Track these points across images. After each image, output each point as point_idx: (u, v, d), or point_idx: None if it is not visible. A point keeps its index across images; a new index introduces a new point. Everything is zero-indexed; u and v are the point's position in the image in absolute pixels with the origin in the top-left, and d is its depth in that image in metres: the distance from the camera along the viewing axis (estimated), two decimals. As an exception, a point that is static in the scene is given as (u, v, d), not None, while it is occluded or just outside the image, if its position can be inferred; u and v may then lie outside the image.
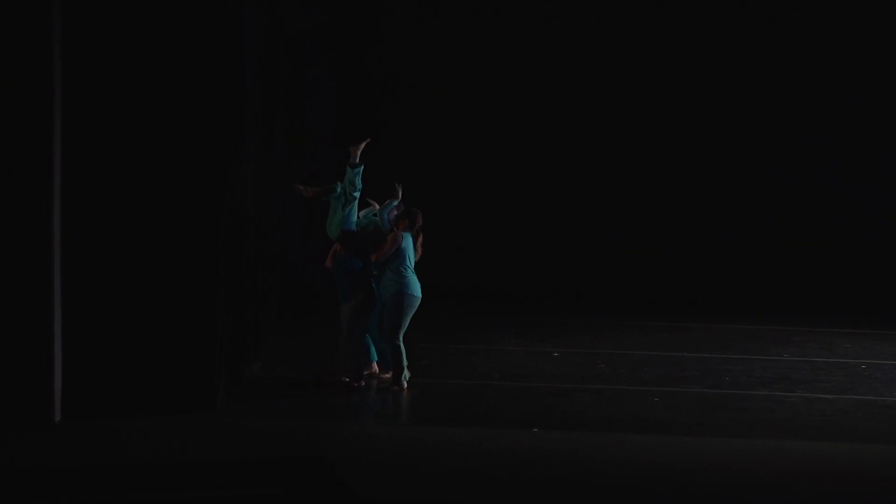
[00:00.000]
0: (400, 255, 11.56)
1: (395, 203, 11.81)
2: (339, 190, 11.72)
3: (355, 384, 11.57)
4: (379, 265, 11.58)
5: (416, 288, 11.60)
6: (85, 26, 10.00)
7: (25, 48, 9.68)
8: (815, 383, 12.35)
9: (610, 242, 18.14)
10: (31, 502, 8.16)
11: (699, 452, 9.68)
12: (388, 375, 11.78)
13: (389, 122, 17.93)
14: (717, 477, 9.01)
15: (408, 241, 11.65)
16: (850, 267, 18.12)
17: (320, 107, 16.89)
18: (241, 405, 10.76)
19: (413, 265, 11.66)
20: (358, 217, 11.82)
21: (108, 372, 10.16)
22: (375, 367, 11.98)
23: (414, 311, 11.64)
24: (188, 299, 10.23)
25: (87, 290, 10.09)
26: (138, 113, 10.11)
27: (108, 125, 10.09)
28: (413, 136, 18.11)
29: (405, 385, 11.56)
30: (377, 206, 11.96)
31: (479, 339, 14.34)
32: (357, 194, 11.67)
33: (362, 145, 11.79)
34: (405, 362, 11.58)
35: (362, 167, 11.68)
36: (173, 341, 10.20)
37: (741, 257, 18.24)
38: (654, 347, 14.16)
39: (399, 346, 11.54)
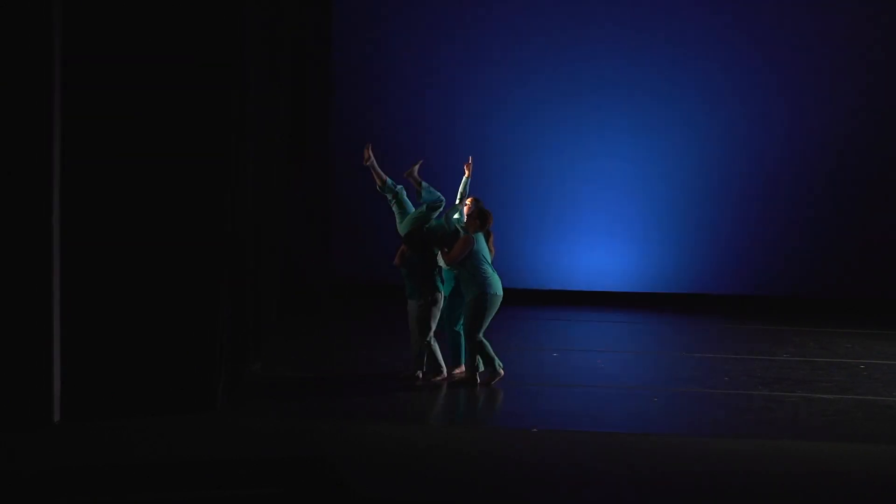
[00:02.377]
0: (474, 255, 11.70)
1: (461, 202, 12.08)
2: (390, 198, 12.16)
3: (431, 378, 11.90)
4: (454, 266, 11.76)
5: (498, 286, 11.78)
6: (85, 28, 10.00)
7: (25, 49, 9.67)
8: (815, 383, 12.36)
9: (608, 239, 18.13)
10: (31, 502, 8.15)
11: (699, 452, 9.68)
12: (460, 371, 11.99)
13: (387, 122, 17.96)
14: (717, 477, 9.01)
15: (480, 242, 11.79)
16: (849, 266, 18.13)
17: (320, 106, 16.89)
18: (242, 405, 10.77)
19: (490, 263, 11.82)
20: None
21: (108, 372, 10.16)
22: (462, 368, 12.10)
23: (496, 310, 11.79)
24: (188, 299, 10.22)
25: (86, 290, 10.09)
26: (139, 112, 10.10)
27: (108, 124, 10.09)
28: (405, 137, 18.10)
29: (501, 373, 11.83)
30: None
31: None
32: (432, 204, 11.98)
33: (416, 168, 12.18)
34: (493, 354, 11.80)
35: (424, 192, 12.06)
36: (173, 341, 10.20)
37: (741, 256, 18.23)
38: (653, 347, 14.17)
39: (482, 341, 11.75)
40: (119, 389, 10.16)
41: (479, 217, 11.85)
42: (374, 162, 12.25)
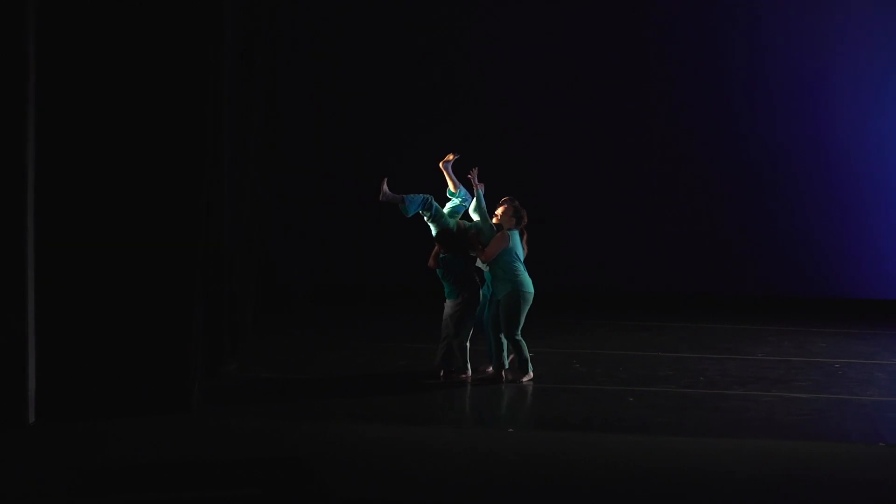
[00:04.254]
0: (508, 253, 11.87)
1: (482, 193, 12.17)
2: (410, 209, 12.10)
3: (462, 375, 12.03)
4: (488, 264, 11.92)
5: (530, 284, 11.97)
6: (61, 29, 9.96)
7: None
8: (791, 382, 12.39)
9: (582, 242, 18.12)
10: (4, 503, 8.11)
11: (675, 452, 9.69)
12: (489, 370, 12.16)
13: (365, 122, 17.96)
14: (694, 477, 9.02)
15: (515, 239, 11.95)
16: (824, 266, 18.17)
17: (297, 106, 16.86)
18: (218, 405, 10.73)
19: (522, 261, 11.99)
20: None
21: (83, 373, 10.11)
22: (491, 368, 12.24)
23: (529, 307, 11.93)
24: (163, 299, 10.18)
25: (61, 291, 10.05)
26: (115, 112, 10.07)
27: (84, 123, 10.05)
28: (381, 136, 18.10)
29: (531, 374, 12.02)
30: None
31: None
32: (427, 212, 12.10)
33: (450, 163, 12.31)
34: (528, 355, 11.97)
35: (458, 192, 12.20)
36: (149, 342, 10.16)
37: (716, 256, 18.25)
38: (629, 347, 14.18)
39: (520, 340, 11.93)
40: (94, 390, 10.12)
41: (515, 215, 12.06)
42: (389, 194, 12.19)
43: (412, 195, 12.09)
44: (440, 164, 12.28)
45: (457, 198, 12.24)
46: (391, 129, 18.08)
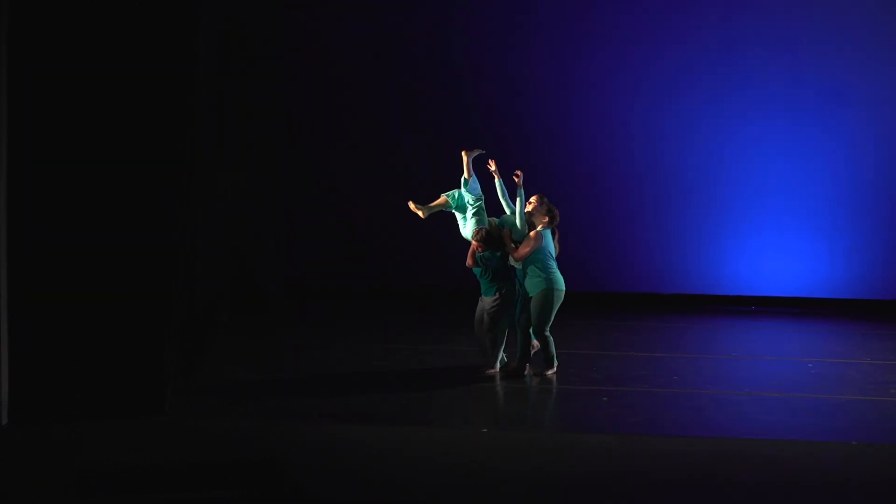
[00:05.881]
0: (542, 251, 12.07)
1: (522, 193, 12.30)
2: (452, 204, 12.32)
3: (490, 371, 12.29)
4: (522, 262, 12.10)
5: (562, 282, 12.17)
6: (34, 30, 9.93)
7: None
8: (764, 381, 12.44)
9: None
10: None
11: (648, 452, 9.71)
12: (512, 364, 12.35)
13: (341, 122, 17.96)
14: (666, 476, 9.05)
15: (548, 238, 12.14)
16: (797, 264, 18.26)
17: (269, 108, 16.85)
18: (191, 407, 10.70)
19: (555, 259, 12.19)
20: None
21: (56, 374, 10.08)
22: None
23: (560, 304, 12.14)
24: (136, 300, 10.16)
25: (33, 292, 10.01)
26: (90, 112, 10.04)
27: (58, 123, 10.02)
28: (358, 137, 18.11)
29: (555, 368, 12.31)
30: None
31: (430, 339, 14.36)
32: (477, 203, 12.28)
33: (473, 155, 12.34)
34: (554, 350, 12.25)
35: (471, 181, 12.26)
36: (122, 343, 10.13)
37: (688, 254, 18.31)
38: (602, 347, 14.22)
39: (548, 336, 12.15)
40: (68, 392, 10.09)
41: (549, 213, 12.22)
42: (424, 208, 12.40)
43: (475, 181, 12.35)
44: (463, 152, 12.36)
45: (464, 187, 12.32)
46: (370, 130, 18.10)
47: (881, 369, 13.15)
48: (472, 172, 12.32)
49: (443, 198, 12.40)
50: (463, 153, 12.33)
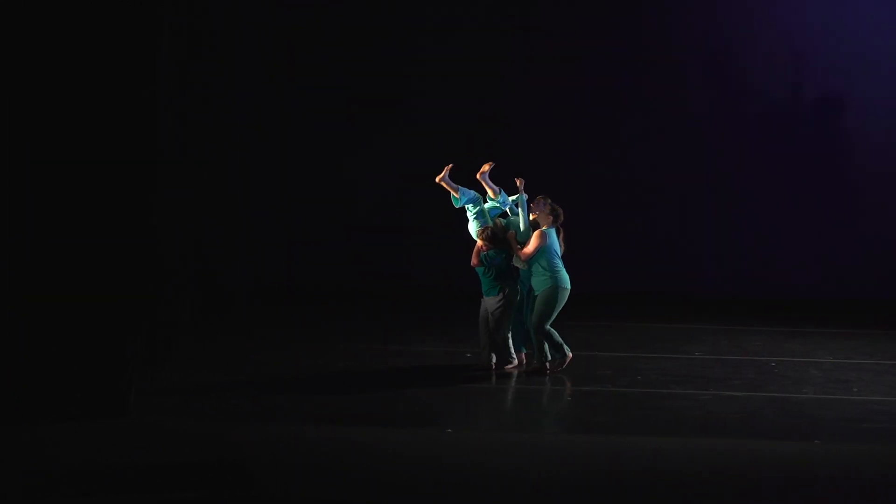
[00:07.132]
0: (548, 250, 12.18)
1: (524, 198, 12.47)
2: (460, 200, 12.46)
3: (509, 366, 12.49)
4: (527, 261, 12.22)
5: (567, 281, 12.30)
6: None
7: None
8: (728, 381, 12.49)
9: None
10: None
11: (612, 452, 9.74)
12: (534, 365, 12.44)
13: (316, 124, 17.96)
14: (631, 476, 9.07)
15: (553, 237, 12.25)
16: (760, 264, 18.36)
17: (237, 107, 16.80)
18: (154, 408, 10.64)
19: (560, 257, 12.31)
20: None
21: (17, 376, 10.01)
22: (524, 357, 12.61)
23: (564, 303, 12.28)
24: (100, 302, 10.10)
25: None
26: (63, 115, 10.00)
27: (32, 125, 9.97)
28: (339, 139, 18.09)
29: (570, 356, 12.43)
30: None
31: (398, 340, 14.35)
32: (476, 209, 12.44)
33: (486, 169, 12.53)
34: (560, 340, 12.34)
35: (460, 198, 12.44)
36: (84, 345, 10.08)
37: (651, 255, 18.37)
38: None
39: (549, 330, 12.29)
40: (29, 394, 10.03)
41: (552, 213, 12.34)
42: (448, 180, 12.43)
43: (465, 189, 12.44)
44: (477, 176, 12.51)
45: (497, 202, 12.57)
46: (339, 130, 18.08)
47: (844, 368, 13.24)
48: (496, 189, 12.52)
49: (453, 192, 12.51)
50: (478, 177, 12.41)
